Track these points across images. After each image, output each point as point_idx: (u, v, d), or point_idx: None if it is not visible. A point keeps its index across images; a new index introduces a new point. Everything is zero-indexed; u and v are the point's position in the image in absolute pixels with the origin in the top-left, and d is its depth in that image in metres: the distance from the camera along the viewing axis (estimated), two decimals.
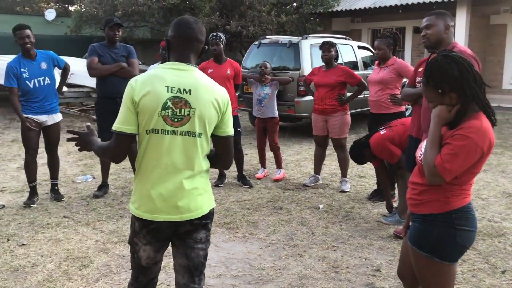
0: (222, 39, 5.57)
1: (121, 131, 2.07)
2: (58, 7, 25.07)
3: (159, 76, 2.07)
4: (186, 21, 2.14)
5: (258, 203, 5.14)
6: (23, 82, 4.79)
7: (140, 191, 2.14)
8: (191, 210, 2.12)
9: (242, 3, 14.27)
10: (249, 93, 8.71)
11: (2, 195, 5.34)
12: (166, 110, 2.04)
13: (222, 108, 2.14)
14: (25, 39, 4.74)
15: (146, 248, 2.18)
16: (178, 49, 2.14)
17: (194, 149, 2.10)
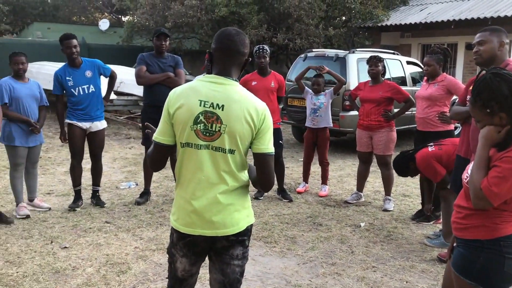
0: (268, 51, 5.58)
1: (157, 141, 2.10)
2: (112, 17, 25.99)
3: (195, 89, 2.06)
4: (227, 33, 2.10)
5: (297, 218, 5.07)
6: (68, 90, 4.95)
7: (178, 203, 2.15)
8: (227, 226, 2.09)
9: (290, 16, 14.29)
10: (293, 105, 8.71)
11: (49, 197, 5.52)
12: (198, 124, 2.02)
13: (257, 125, 2.05)
14: (71, 49, 4.88)
15: (183, 260, 2.18)
16: (219, 61, 2.10)
17: (226, 165, 2.06)
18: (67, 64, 5.01)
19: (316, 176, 6.66)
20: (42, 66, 11.39)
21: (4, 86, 4.63)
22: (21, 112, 4.71)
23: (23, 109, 4.71)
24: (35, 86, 4.90)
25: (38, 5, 24.22)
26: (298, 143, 9.55)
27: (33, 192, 5.06)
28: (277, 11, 14.62)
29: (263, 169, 2.11)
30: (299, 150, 8.77)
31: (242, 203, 2.14)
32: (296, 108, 8.58)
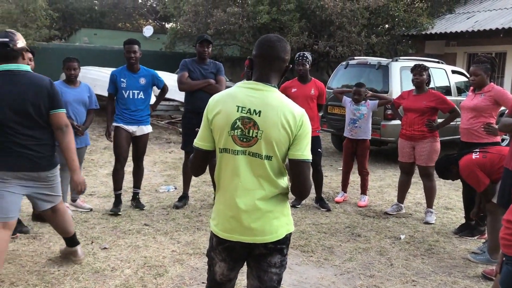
0: (309, 59, 5.54)
1: (197, 146, 2.14)
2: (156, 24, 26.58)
3: (233, 95, 2.08)
4: (268, 39, 2.10)
5: (335, 227, 4.99)
6: (119, 91, 5.09)
7: (218, 208, 2.16)
8: (265, 233, 2.08)
9: (332, 23, 14.20)
10: (333, 113, 8.62)
11: (91, 199, 5.66)
12: (235, 130, 2.03)
13: (294, 131, 2.02)
14: (131, 53, 5.06)
15: (221, 265, 2.19)
16: (260, 68, 2.10)
17: (263, 171, 2.05)
18: (125, 67, 5.17)
19: (355, 185, 6.55)
20: (88, 70, 11.73)
21: None
22: (68, 115, 4.85)
23: (71, 112, 4.85)
24: (85, 89, 5.05)
25: (86, 11, 25.05)
26: (337, 152, 9.44)
27: (65, 196, 5.19)
28: (319, 19, 14.56)
29: (297, 176, 2.06)
30: (338, 159, 8.66)
31: (281, 210, 2.13)
32: (336, 116, 8.49)
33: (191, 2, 15.76)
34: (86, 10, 25.14)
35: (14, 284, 3.41)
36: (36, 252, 3.98)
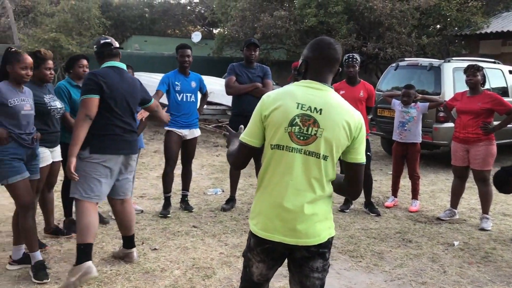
0: (358, 60, 5.45)
1: (245, 141, 2.11)
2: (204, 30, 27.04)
3: (292, 92, 2.05)
4: (328, 42, 2.10)
5: (385, 233, 4.87)
6: (173, 94, 5.20)
7: (260, 207, 2.11)
8: (309, 236, 2.04)
9: (381, 24, 13.95)
10: (382, 116, 8.44)
11: (142, 200, 5.79)
12: (293, 126, 1.99)
13: (353, 133, 2.03)
14: (185, 57, 5.18)
15: (259, 266, 2.15)
16: (317, 69, 2.09)
17: (317, 171, 2.02)
18: (177, 70, 5.29)
19: (406, 190, 6.38)
20: (138, 76, 12.02)
21: None
22: None
23: None
24: None
25: (137, 19, 25.82)
26: (387, 155, 9.23)
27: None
28: (367, 20, 14.36)
29: (355, 178, 2.09)
30: (388, 163, 8.46)
31: (325, 213, 2.09)
32: (385, 119, 8.31)
33: (238, 7, 15.93)
34: (137, 17, 25.91)
35: None
36: None
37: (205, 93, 5.56)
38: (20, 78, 3.49)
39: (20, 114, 3.46)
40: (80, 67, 4.45)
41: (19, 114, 3.45)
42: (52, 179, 4.24)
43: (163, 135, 5.30)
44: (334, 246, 4.42)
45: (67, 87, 4.40)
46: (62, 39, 14.32)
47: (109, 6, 24.50)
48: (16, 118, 3.44)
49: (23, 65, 3.47)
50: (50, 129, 3.99)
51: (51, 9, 15.89)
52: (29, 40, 14.66)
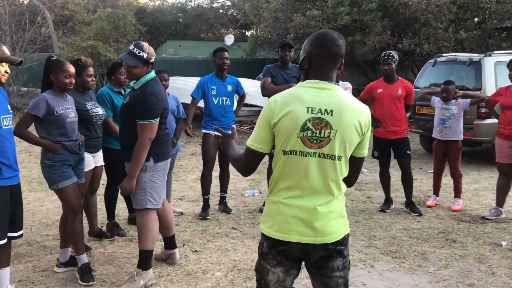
0: (395, 58, 5.35)
1: (253, 148, 2.06)
2: (236, 32, 27.17)
3: (299, 96, 1.99)
4: (332, 37, 2.02)
5: (428, 233, 4.75)
6: (209, 98, 5.25)
7: (273, 210, 2.07)
8: (325, 233, 2.01)
9: (417, 20, 13.66)
10: (421, 114, 8.26)
11: (181, 203, 5.87)
12: (305, 131, 1.96)
13: (363, 130, 2.03)
14: (224, 60, 5.24)
15: (276, 271, 2.07)
16: (322, 66, 2.03)
17: (333, 173, 2.00)
18: (214, 74, 5.35)
19: (447, 189, 6.22)
20: (174, 80, 12.22)
21: None
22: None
23: None
24: (173, 100, 5.25)
25: (171, 24, 26.20)
26: (427, 154, 9.02)
27: (168, 196, 5.41)
28: (402, 16, 14.10)
29: (357, 170, 2.15)
30: (428, 161, 8.27)
31: (340, 211, 2.08)
32: (424, 116, 8.13)
33: (271, 8, 15.93)
34: (171, 23, 26.29)
35: (114, 284, 3.61)
36: (133, 254, 4.19)
37: (243, 95, 5.59)
38: (64, 86, 3.60)
39: (66, 122, 3.57)
40: (122, 74, 4.55)
41: (65, 122, 3.57)
42: (95, 183, 4.34)
43: (199, 138, 5.35)
44: (376, 246, 4.35)
45: (110, 94, 4.51)
46: (100, 46, 14.68)
47: (144, 13, 24.96)
48: (63, 126, 3.56)
49: (67, 74, 3.58)
50: (92, 135, 4.10)
51: (88, 17, 16.32)
52: (68, 49, 15.10)
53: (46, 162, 3.55)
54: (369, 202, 5.89)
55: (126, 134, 3.54)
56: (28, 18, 14.99)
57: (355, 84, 15.32)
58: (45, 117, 3.49)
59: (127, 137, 3.52)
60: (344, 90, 5.59)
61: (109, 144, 4.51)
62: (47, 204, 5.60)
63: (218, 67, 5.29)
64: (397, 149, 5.42)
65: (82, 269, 3.67)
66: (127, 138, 3.51)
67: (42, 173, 3.65)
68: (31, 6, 22.29)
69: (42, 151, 3.60)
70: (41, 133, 3.55)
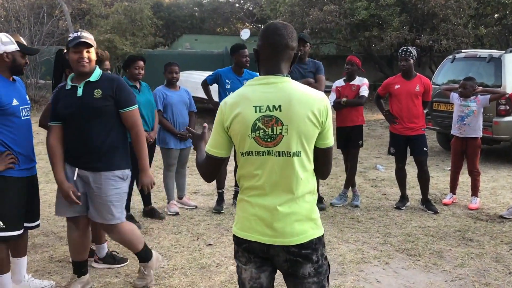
0: (413, 53, 5.28)
1: (211, 154, 2.02)
2: (252, 27, 27.08)
3: (246, 96, 1.93)
4: (274, 27, 1.94)
5: (443, 231, 4.70)
6: (222, 92, 5.25)
7: (240, 208, 2.03)
8: (286, 235, 1.91)
9: (436, 16, 13.47)
10: (439, 110, 8.16)
11: (195, 196, 5.89)
12: (256, 131, 1.89)
13: (320, 119, 1.90)
14: (246, 57, 5.22)
15: (247, 267, 2.02)
16: (268, 59, 1.95)
17: (291, 170, 1.90)
18: (230, 68, 5.33)
19: (464, 187, 6.14)
20: (190, 75, 12.28)
21: (159, 94, 5.05)
22: (172, 117, 5.08)
23: (174, 114, 5.08)
24: (185, 93, 5.27)
25: (187, 18, 26.21)
26: (444, 151, 8.91)
27: (182, 190, 5.44)
28: (421, 12, 13.92)
29: (326, 161, 2.03)
30: (445, 158, 8.18)
31: (307, 213, 1.95)
32: (442, 113, 8.03)
33: (287, 2, 15.84)
34: (187, 17, 26.31)
35: (129, 276, 3.64)
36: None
37: None
38: None
39: None
40: (136, 68, 4.58)
41: None
42: None
43: None
44: (391, 244, 4.32)
45: None
46: (117, 40, 14.76)
47: (160, 7, 24.99)
48: None
49: None
50: None
51: (105, 11, 16.41)
52: None
53: None
54: (385, 199, 5.84)
55: (106, 136, 3.12)
56: (46, 11, 15.11)
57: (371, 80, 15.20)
58: None
59: (109, 139, 3.13)
60: (361, 85, 5.56)
61: None
62: None
63: (238, 63, 5.25)
64: (414, 146, 5.36)
65: (110, 255, 3.84)
66: (111, 141, 3.14)
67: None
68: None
69: None
70: None
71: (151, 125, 4.75)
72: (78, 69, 3.08)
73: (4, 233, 3.01)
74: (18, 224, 3.10)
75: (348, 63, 5.57)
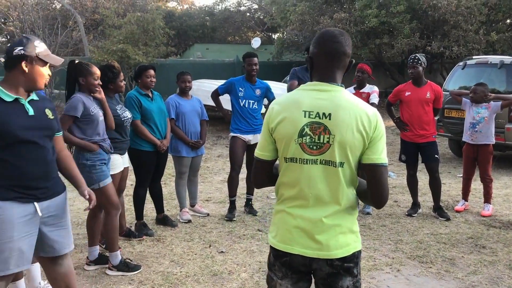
0: (421, 61, 5.29)
1: (256, 155, 2.02)
2: (263, 35, 27.23)
3: (297, 100, 1.90)
4: (331, 34, 1.90)
5: (456, 238, 4.68)
6: (235, 100, 5.31)
7: (279, 219, 1.99)
8: (330, 248, 1.88)
9: (446, 22, 13.45)
10: (450, 117, 8.13)
11: (207, 204, 5.93)
12: (303, 137, 1.86)
13: (369, 132, 1.85)
14: (252, 66, 5.26)
15: (283, 282, 1.98)
16: (323, 66, 1.91)
17: (337, 181, 1.87)
18: (244, 77, 5.39)
19: (477, 194, 6.11)
20: (201, 83, 12.37)
21: (171, 103, 5.13)
22: (185, 125, 5.15)
23: (186, 123, 5.14)
24: (197, 102, 5.34)
25: (199, 28, 26.45)
26: (455, 158, 8.87)
27: (194, 198, 5.49)
28: (431, 18, 13.90)
29: (376, 182, 1.89)
30: (457, 165, 8.14)
31: (349, 225, 1.93)
32: (453, 120, 8.00)
33: (298, 11, 15.92)
34: (199, 26, 26.54)
35: (142, 283, 3.69)
36: (160, 253, 4.26)
37: (272, 100, 5.60)
38: (93, 88, 3.71)
39: (99, 121, 3.70)
40: (148, 77, 4.65)
41: (98, 122, 3.70)
42: (122, 184, 4.44)
43: (225, 140, 5.41)
44: (402, 251, 4.31)
45: (138, 97, 4.62)
46: (129, 49, 14.94)
47: (172, 16, 25.27)
48: (96, 125, 3.69)
49: (95, 76, 3.70)
50: (123, 138, 4.21)
51: (118, 21, 16.62)
52: (98, 52, 15.40)
53: (85, 162, 3.65)
54: (396, 206, 5.83)
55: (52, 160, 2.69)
56: (60, 22, 15.37)
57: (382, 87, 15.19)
58: (82, 117, 3.60)
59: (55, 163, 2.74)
60: (371, 93, 5.57)
61: (138, 145, 4.61)
62: (77, 204, 5.74)
63: (247, 72, 5.33)
64: (425, 153, 5.36)
65: (124, 263, 3.86)
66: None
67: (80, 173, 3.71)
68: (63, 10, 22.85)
69: (76, 152, 3.71)
70: (77, 134, 3.65)
71: (163, 133, 4.81)
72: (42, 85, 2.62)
73: None
74: None
75: (358, 70, 5.60)
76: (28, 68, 2.51)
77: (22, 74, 2.50)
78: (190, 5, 30.15)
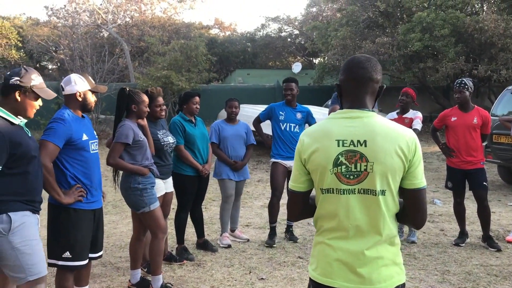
0: (468, 85, 5.14)
1: (290, 188, 1.98)
2: (304, 60, 27.37)
3: (328, 129, 1.87)
4: (357, 60, 1.90)
5: (508, 270, 4.44)
6: (276, 124, 5.34)
7: (319, 252, 1.93)
8: (373, 282, 1.81)
9: (494, 45, 13.11)
10: (499, 143, 7.84)
11: (247, 229, 5.90)
12: (338, 166, 1.82)
13: (408, 156, 1.80)
14: (288, 91, 5.34)
15: None
16: (351, 93, 1.90)
17: (378, 210, 1.81)
18: (284, 102, 5.45)
19: None
20: (243, 108, 12.41)
21: (215, 128, 5.22)
22: (226, 148, 5.21)
23: (227, 147, 5.20)
24: (243, 127, 5.38)
25: (240, 53, 26.92)
26: (505, 185, 8.51)
27: (235, 223, 5.48)
28: (477, 42, 13.59)
29: (418, 205, 1.85)
30: (506, 193, 7.79)
31: (392, 257, 1.86)
32: (503, 146, 7.71)
33: (339, 36, 15.94)
34: (240, 52, 27.02)
35: None
36: (200, 279, 4.26)
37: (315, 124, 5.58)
38: (143, 115, 3.86)
39: (147, 146, 3.81)
40: (194, 104, 4.76)
41: (147, 147, 3.80)
42: (165, 208, 4.49)
43: (265, 164, 5.40)
44: (450, 282, 4.13)
45: (182, 122, 4.72)
46: (173, 76, 15.32)
47: (214, 43, 25.84)
48: (145, 151, 3.82)
49: (146, 103, 3.84)
50: (163, 162, 4.29)
51: (163, 48, 17.14)
52: (143, 78, 15.88)
53: (137, 186, 3.74)
54: (443, 235, 5.62)
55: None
56: (108, 50, 15.99)
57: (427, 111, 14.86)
58: (133, 143, 3.71)
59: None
60: (414, 119, 5.45)
61: (180, 170, 4.68)
62: (120, 227, 5.84)
63: (284, 96, 5.39)
64: (473, 180, 5.16)
65: (165, 287, 3.89)
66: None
67: (129, 197, 3.79)
68: (110, 38, 23.83)
69: (126, 177, 3.80)
70: (127, 160, 3.75)
71: (205, 158, 4.87)
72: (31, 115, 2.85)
73: (71, 263, 3.16)
74: (84, 255, 3.24)
75: (403, 94, 5.50)
76: (21, 98, 2.74)
77: (15, 102, 2.74)
78: (232, 32, 30.77)
